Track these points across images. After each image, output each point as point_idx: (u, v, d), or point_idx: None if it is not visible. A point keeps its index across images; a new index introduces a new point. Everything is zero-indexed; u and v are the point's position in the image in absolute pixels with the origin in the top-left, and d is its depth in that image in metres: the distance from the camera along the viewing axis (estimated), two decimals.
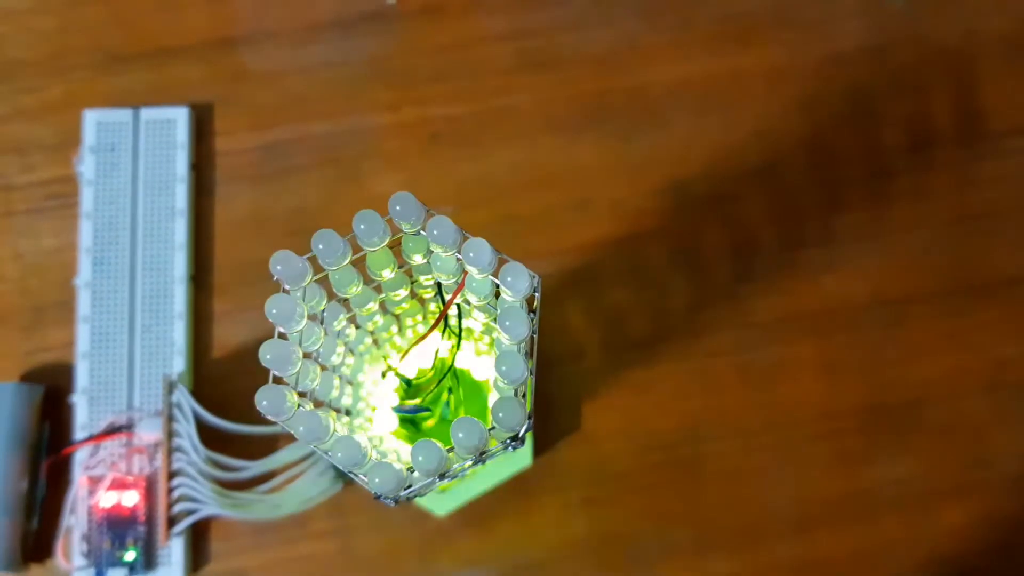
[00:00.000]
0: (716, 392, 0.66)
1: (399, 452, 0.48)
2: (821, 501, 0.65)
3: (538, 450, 0.65)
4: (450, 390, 0.53)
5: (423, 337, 0.46)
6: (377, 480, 0.38)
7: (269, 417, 0.39)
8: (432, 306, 0.52)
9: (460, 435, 0.38)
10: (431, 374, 0.49)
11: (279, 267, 0.41)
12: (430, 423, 0.50)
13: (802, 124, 0.69)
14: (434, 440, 0.38)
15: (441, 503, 0.63)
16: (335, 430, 0.41)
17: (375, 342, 0.52)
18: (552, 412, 0.65)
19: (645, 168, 0.68)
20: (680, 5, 0.71)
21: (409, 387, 0.53)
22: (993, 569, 0.65)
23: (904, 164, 0.69)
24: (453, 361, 0.48)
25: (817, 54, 0.70)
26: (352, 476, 0.40)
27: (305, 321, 0.42)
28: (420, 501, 0.63)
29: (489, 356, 0.50)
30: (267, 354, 0.40)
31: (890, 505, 0.65)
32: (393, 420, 0.53)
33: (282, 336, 0.42)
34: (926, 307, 0.67)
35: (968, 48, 0.71)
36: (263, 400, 0.39)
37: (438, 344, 0.48)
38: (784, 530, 0.65)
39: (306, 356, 0.43)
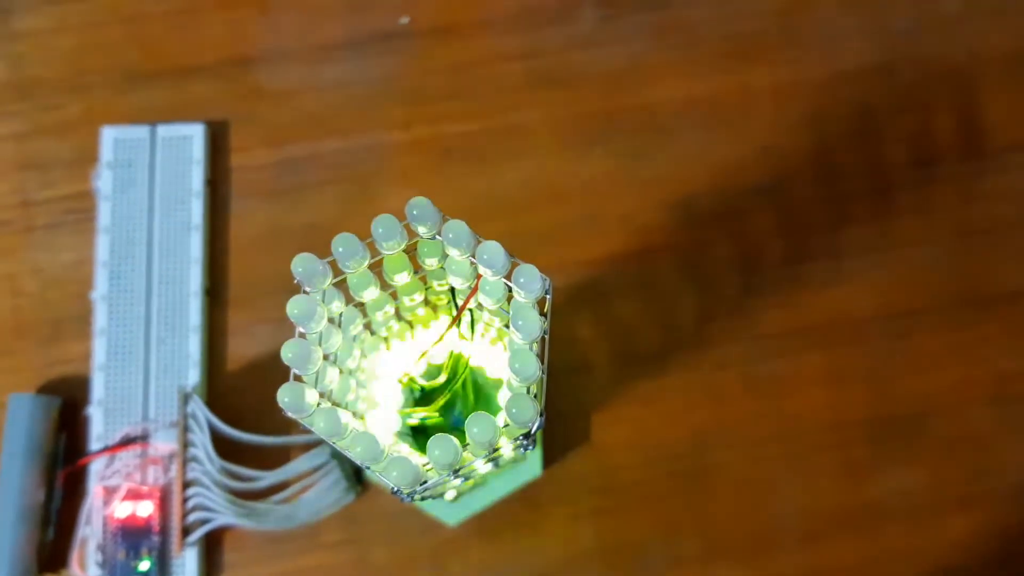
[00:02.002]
0: (724, 404, 0.67)
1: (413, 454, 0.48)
2: (828, 511, 0.65)
3: (547, 461, 0.65)
4: (459, 397, 0.54)
5: (437, 342, 0.47)
6: (395, 474, 0.39)
7: (290, 414, 0.40)
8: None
9: (475, 429, 0.39)
10: (442, 373, 0.50)
11: (300, 268, 0.42)
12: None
13: (808, 140, 0.70)
14: (449, 435, 0.39)
15: (452, 513, 0.64)
16: (353, 427, 0.42)
17: (387, 347, 0.53)
18: (561, 423, 0.66)
19: (653, 183, 0.69)
20: (687, 24, 0.72)
21: (422, 394, 0.54)
22: None
23: (908, 179, 0.70)
24: (467, 366, 0.49)
25: (822, 72, 0.71)
26: (369, 471, 0.41)
27: (324, 322, 0.43)
28: (431, 510, 0.64)
29: (503, 345, 0.51)
30: (288, 352, 0.41)
31: (896, 515, 0.65)
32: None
33: (302, 336, 0.43)
34: (931, 320, 0.68)
35: (971, 66, 0.72)
36: (285, 397, 0.40)
37: (451, 341, 0.48)
38: (791, 540, 0.65)
39: (324, 358, 0.44)
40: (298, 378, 0.42)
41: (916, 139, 0.70)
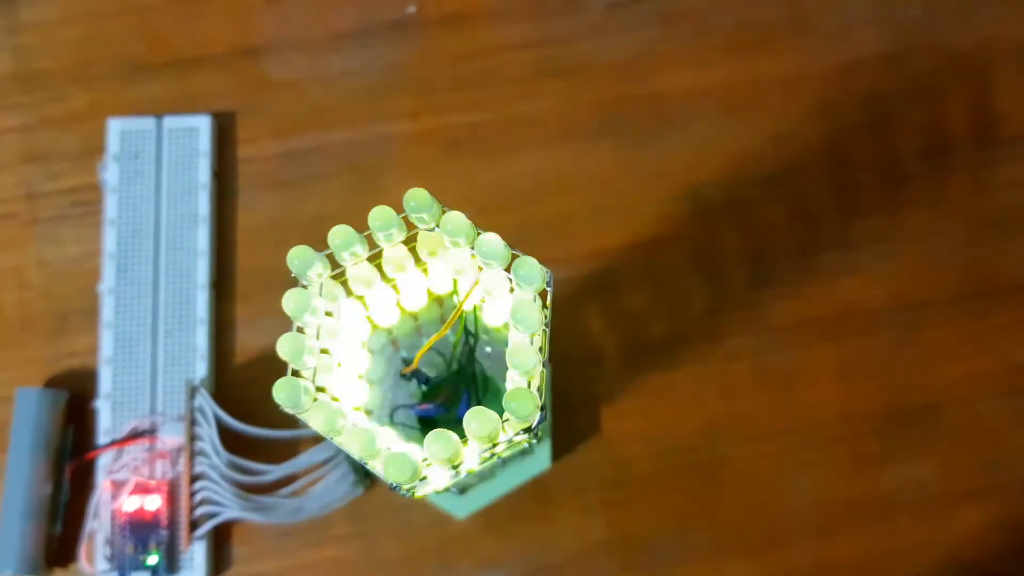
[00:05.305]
0: (734, 396, 0.66)
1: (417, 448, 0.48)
2: (839, 504, 0.65)
3: (557, 453, 0.65)
4: (468, 391, 0.53)
5: (439, 336, 0.47)
6: (392, 470, 0.39)
7: (286, 409, 0.40)
8: None
9: (473, 424, 0.38)
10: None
11: (296, 261, 0.41)
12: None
13: (819, 130, 0.69)
14: (448, 430, 0.39)
15: (461, 506, 0.63)
16: (352, 423, 0.41)
17: (393, 341, 0.53)
18: (571, 415, 0.65)
19: (663, 174, 0.69)
20: (698, 13, 0.71)
21: (428, 385, 0.54)
22: (1010, 572, 0.65)
23: (920, 169, 0.69)
24: (474, 355, 0.49)
25: (834, 61, 0.71)
26: (368, 467, 0.41)
27: (323, 316, 0.42)
28: (440, 504, 0.63)
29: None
30: (284, 347, 0.41)
31: (907, 508, 0.65)
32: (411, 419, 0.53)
33: (300, 331, 0.42)
34: (943, 311, 0.67)
35: (983, 55, 0.71)
36: (280, 393, 0.40)
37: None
38: (802, 533, 0.65)
39: (324, 352, 0.44)
40: (296, 373, 0.41)
41: (928, 129, 0.69)
